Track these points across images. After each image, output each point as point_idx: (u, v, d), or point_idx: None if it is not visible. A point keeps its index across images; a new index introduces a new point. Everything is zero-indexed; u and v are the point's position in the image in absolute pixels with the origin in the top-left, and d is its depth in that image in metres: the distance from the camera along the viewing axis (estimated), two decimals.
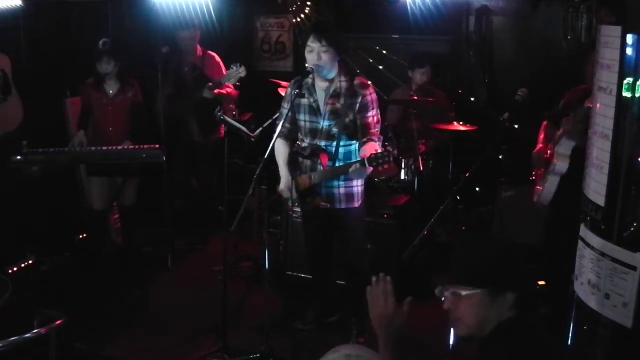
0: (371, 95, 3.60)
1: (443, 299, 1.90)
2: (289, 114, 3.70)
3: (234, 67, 4.78)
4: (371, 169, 3.41)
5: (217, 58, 5.36)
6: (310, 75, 3.61)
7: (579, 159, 3.63)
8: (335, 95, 3.61)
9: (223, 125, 5.26)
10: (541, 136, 4.16)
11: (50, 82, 5.19)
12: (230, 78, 4.86)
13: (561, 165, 3.71)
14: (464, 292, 1.84)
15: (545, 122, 4.13)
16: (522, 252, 1.97)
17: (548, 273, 4.20)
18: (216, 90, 5.00)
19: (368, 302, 2.12)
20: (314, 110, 3.67)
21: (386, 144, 3.75)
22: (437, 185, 5.18)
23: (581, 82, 3.89)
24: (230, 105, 5.57)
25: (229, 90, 5.26)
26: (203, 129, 5.33)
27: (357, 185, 3.72)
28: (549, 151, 3.95)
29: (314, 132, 3.70)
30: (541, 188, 3.86)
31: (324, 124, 3.66)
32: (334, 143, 3.65)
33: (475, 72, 5.95)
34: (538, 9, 5.53)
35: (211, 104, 5.10)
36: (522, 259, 1.94)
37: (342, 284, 4.14)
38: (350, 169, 3.44)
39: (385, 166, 3.30)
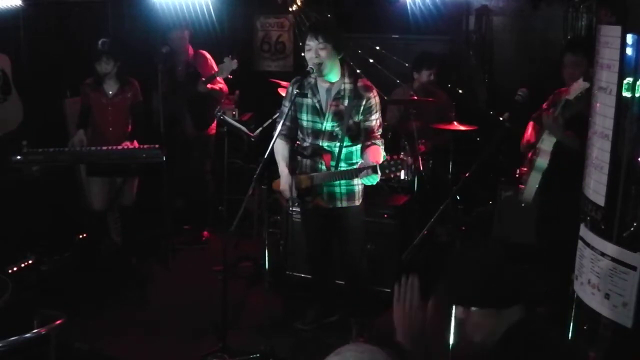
0: (375, 98, 3.61)
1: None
2: (290, 113, 3.70)
3: (226, 61, 4.88)
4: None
5: (209, 56, 5.40)
6: (312, 76, 3.61)
7: (561, 155, 3.66)
8: (339, 97, 3.61)
9: (216, 122, 5.34)
10: (528, 132, 4.17)
11: (50, 82, 5.20)
12: (223, 71, 4.95)
13: (542, 161, 3.72)
14: (472, 308, 1.86)
15: (532, 123, 4.15)
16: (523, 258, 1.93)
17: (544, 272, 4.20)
18: (209, 86, 5.07)
19: (396, 311, 2.02)
20: (317, 111, 3.67)
21: (402, 153, 3.77)
22: (437, 185, 5.18)
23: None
24: (230, 105, 5.59)
25: (221, 86, 5.29)
26: (197, 124, 5.36)
27: (358, 184, 3.72)
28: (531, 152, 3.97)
29: (317, 133, 3.69)
30: (524, 186, 3.87)
31: (327, 125, 3.65)
32: (337, 144, 3.65)
33: (475, 72, 5.95)
34: (538, 9, 5.53)
35: (205, 99, 5.13)
36: (524, 268, 1.89)
37: (342, 284, 4.14)
38: (361, 174, 3.44)
39: (398, 174, 3.33)
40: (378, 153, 3.45)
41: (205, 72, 5.23)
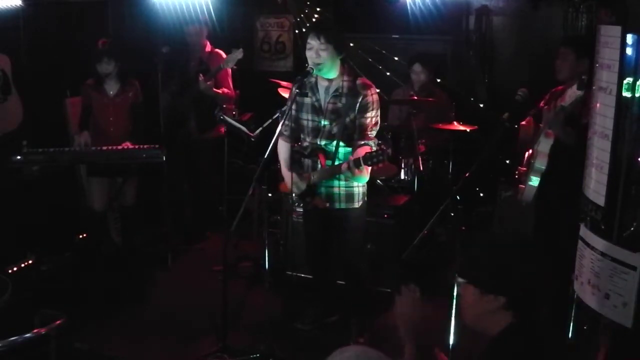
0: (372, 96, 3.59)
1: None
2: (291, 113, 3.70)
3: (234, 51, 4.92)
4: (368, 169, 3.40)
5: (224, 56, 5.38)
6: (313, 75, 3.61)
7: (559, 156, 3.68)
8: (337, 95, 3.61)
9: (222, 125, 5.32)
10: (525, 121, 4.20)
11: (50, 82, 5.19)
12: (229, 62, 4.99)
13: (540, 162, 3.75)
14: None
15: (530, 118, 4.17)
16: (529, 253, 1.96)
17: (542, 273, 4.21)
18: (208, 83, 5.04)
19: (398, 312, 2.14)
20: (316, 110, 3.67)
21: (379, 142, 3.75)
22: (437, 185, 5.18)
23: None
24: (231, 106, 5.58)
25: (225, 90, 5.28)
26: (200, 126, 5.35)
27: (358, 185, 3.71)
28: (530, 150, 3.99)
29: (316, 132, 3.69)
30: (524, 186, 3.89)
31: (325, 123, 3.65)
32: (334, 142, 3.65)
33: (475, 72, 5.95)
34: (538, 9, 5.53)
35: (209, 101, 5.13)
36: (527, 262, 1.92)
37: (342, 284, 4.14)
38: (342, 167, 3.43)
39: (381, 165, 3.31)
40: (364, 152, 3.45)
41: (218, 73, 5.23)
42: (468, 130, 4.97)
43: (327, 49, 3.48)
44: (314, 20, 5.96)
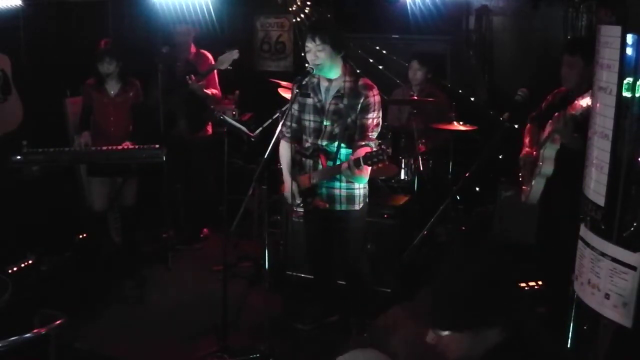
0: (374, 97, 3.58)
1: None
2: (293, 113, 3.70)
3: (227, 51, 4.91)
4: (368, 169, 3.39)
5: (210, 57, 5.39)
6: (315, 75, 3.60)
7: (564, 160, 3.67)
8: (339, 96, 3.60)
9: (211, 124, 5.34)
10: (526, 140, 4.18)
11: (50, 82, 5.20)
12: (223, 63, 4.97)
13: (547, 168, 3.72)
14: (444, 333, 1.75)
15: (529, 125, 4.15)
16: (505, 271, 1.80)
17: (543, 273, 4.21)
18: (200, 83, 5.05)
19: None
20: (318, 110, 3.66)
21: (379, 141, 3.74)
22: (437, 185, 5.18)
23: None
24: (230, 105, 5.59)
25: (214, 91, 5.29)
26: (191, 126, 5.35)
27: (359, 187, 3.69)
28: (534, 152, 3.98)
29: (318, 132, 3.69)
30: (528, 188, 3.87)
31: (327, 123, 3.65)
32: (336, 143, 3.64)
33: (475, 72, 5.95)
34: (538, 9, 5.53)
35: (199, 101, 5.13)
36: (504, 282, 1.78)
37: (342, 284, 4.14)
38: (342, 166, 3.43)
39: (381, 165, 3.30)
40: (366, 151, 3.44)
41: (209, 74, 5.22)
42: (468, 130, 4.97)
43: (324, 49, 3.47)
44: (312, 20, 5.96)
